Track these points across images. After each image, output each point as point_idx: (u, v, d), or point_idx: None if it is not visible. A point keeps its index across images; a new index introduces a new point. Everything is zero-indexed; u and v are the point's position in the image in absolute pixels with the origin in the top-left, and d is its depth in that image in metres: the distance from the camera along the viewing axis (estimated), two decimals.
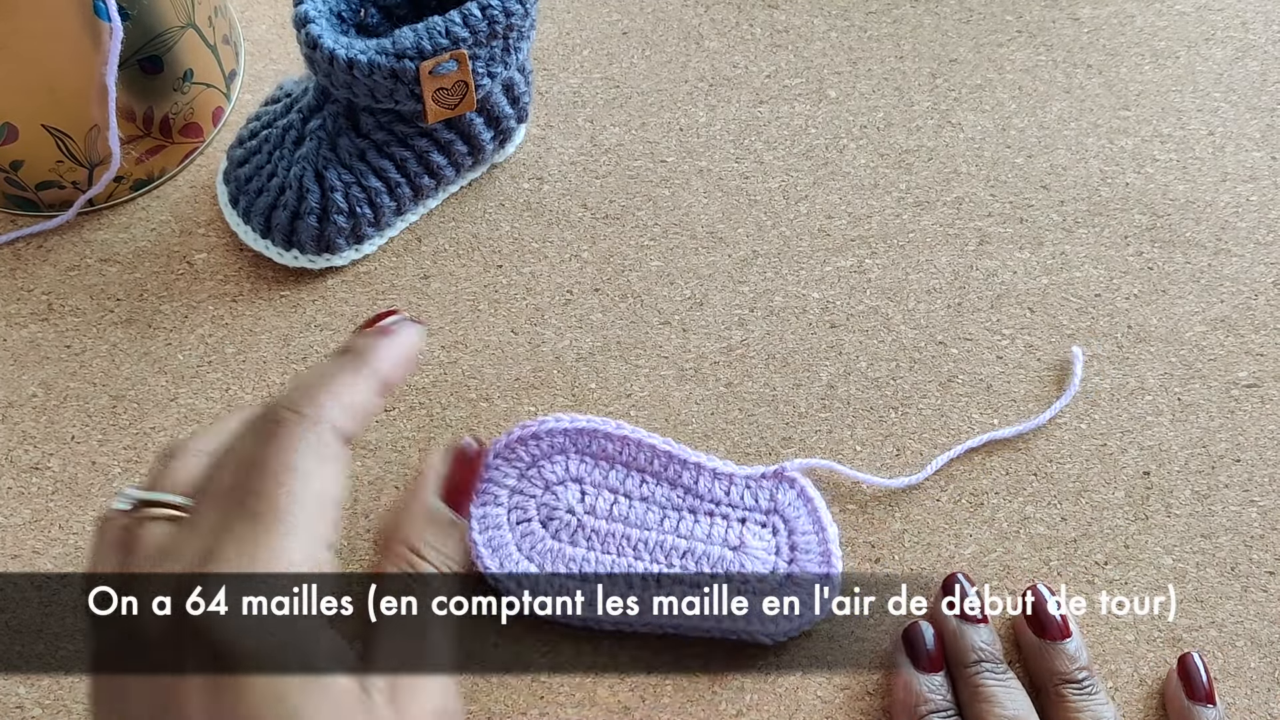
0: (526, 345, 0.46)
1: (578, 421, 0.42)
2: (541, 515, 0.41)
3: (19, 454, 0.43)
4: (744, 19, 0.55)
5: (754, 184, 0.50)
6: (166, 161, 0.49)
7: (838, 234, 0.49)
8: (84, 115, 0.44)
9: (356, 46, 0.41)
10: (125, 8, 0.42)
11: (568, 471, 0.42)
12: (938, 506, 0.42)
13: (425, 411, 0.44)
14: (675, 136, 0.51)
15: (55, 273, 0.47)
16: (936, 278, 0.48)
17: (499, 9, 0.41)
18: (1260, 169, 0.50)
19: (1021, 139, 0.51)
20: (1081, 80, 0.53)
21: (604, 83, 0.53)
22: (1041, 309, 0.47)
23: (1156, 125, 0.52)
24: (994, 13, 0.55)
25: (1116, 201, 0.50)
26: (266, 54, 0.54)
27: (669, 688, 0.39)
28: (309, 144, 0.44)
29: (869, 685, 0.40)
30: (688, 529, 0.41)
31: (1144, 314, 0.47)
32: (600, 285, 0.47)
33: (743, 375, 0.45)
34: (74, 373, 0.45)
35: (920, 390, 0.45)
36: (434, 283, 0.47)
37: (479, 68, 0.42)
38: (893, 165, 0.51)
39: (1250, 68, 0.53)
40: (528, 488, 0.41)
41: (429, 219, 0.49)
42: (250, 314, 0.46)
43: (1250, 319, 0.47)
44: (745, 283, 0.48)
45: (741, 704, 0.39)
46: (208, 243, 0.48)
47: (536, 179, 0.50)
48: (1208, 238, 0.49)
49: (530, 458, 0.42)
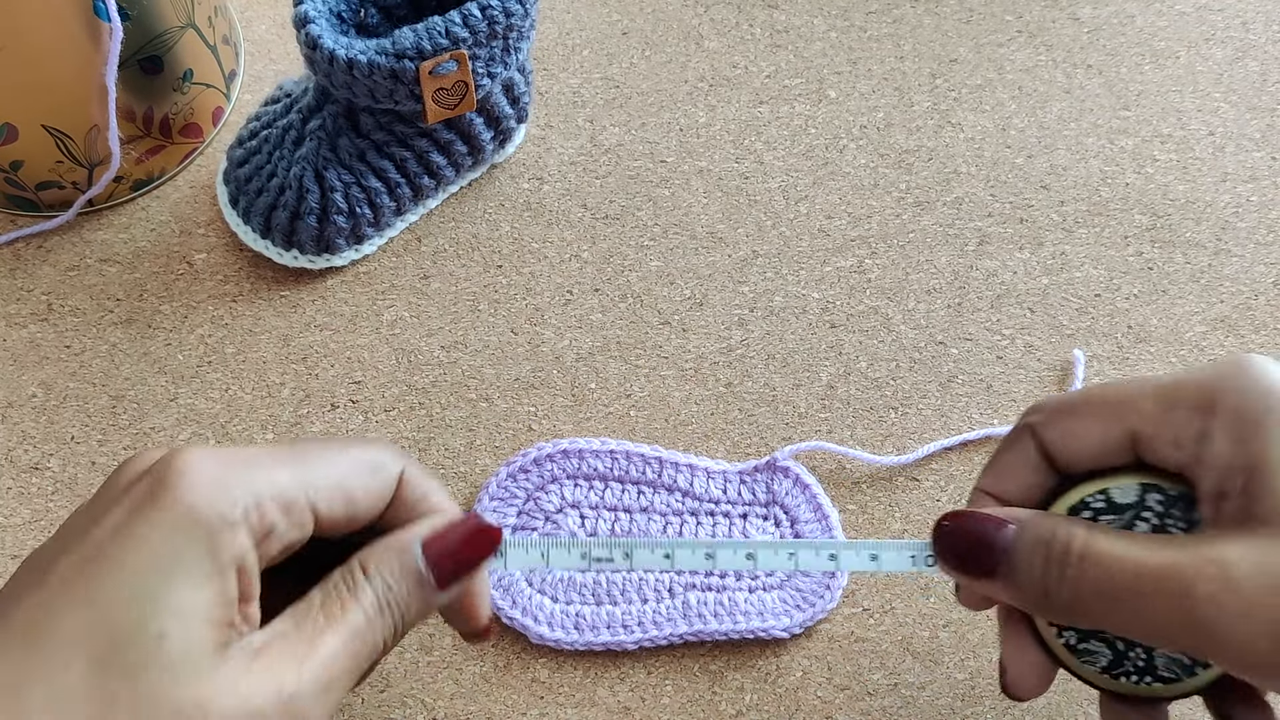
0: (526, 345, 0.46)
1: (560, 444, 0.42)
2: None
3: (19, 454, 0.43)
4: (744, 19, 0.55)
5: (754, 184, 0.50)
6: (166, 162, 0.49)
7: (838, 234, 0.49)
8: (84, 115, 0.44)
9: (356, 46, 0.41)
10: (125, 8, 0.42)
11: (564, 499, 0.41)
12: (937, 505, 0.42)
13: (425, 412, 0.44)
14: (675, 136, 0.51)
15: (55, 273, 0.47)
16: (936, 278, 0.48)
17: (499, 9, 0.41)
18: (1260, 169, 0.50)
19: (1021, 139, 0.51)
20: (1081, 80, 0.53)
21: (604, 83, 0.53)
22: (1041, 309, 0.47)
23: (1156, 125, 0.52)
24: (994, 13, 0.55)
25: (1116, 201, 0.50)
26: (266, 54, 0.54)
27: (669, 688, 0.39)
28: (309, 144, 0.44)
29: (869, 685, 0.40)
30: (691, 533, 0.41)
31: (1144, 314, 0.47)
32: (600, 285, 0.47)
33: (743, 375, 0.45)
34: (74, 373, 0.45)
35: (920, 390, 0.45)
36: (434, 283, 0.47)
37: (479, 68, 0.42)
38: (893, 165, 0.51)
39: (1250, 68, 0.53)
40: (528, 523, 0.41)
41: (429, 219, 0.49)
42: (250, 314, 0.46)
43: (1250, 319, 0.47)
44: (745, 283, 0.48)
45: (741, 704, 0.39)
46: (208, 243, 0.48)
47: (536, 179, 0.50)
48: (1208, 238, 0.49)
49: (525, 492, 0.42)
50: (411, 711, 0.39)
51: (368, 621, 0.30)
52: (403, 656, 0.40)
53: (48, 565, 0.29)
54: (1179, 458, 0.31)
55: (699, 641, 0.40)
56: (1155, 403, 0.32)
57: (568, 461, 0.42)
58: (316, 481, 0.30)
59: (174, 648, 0.27)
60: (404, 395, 0.45)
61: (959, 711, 0.39)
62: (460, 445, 0.44)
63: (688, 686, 0.40)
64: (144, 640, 0.27)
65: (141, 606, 0.27)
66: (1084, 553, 0.29)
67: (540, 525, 0.41)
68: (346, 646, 0.29)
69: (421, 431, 0.44)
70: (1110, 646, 0.32)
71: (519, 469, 0.42)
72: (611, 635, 0.39)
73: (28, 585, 0.28)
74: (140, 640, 0.27)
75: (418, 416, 0.44)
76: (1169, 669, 0.32)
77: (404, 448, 0.43)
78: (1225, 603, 0.27)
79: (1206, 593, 0.27)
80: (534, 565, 0.33)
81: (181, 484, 0.28)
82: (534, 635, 0.39)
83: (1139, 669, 0.32)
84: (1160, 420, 0.31)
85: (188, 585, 0.27)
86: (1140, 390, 0.32)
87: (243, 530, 0.28)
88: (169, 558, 0.27)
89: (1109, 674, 0.33)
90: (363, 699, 0.39)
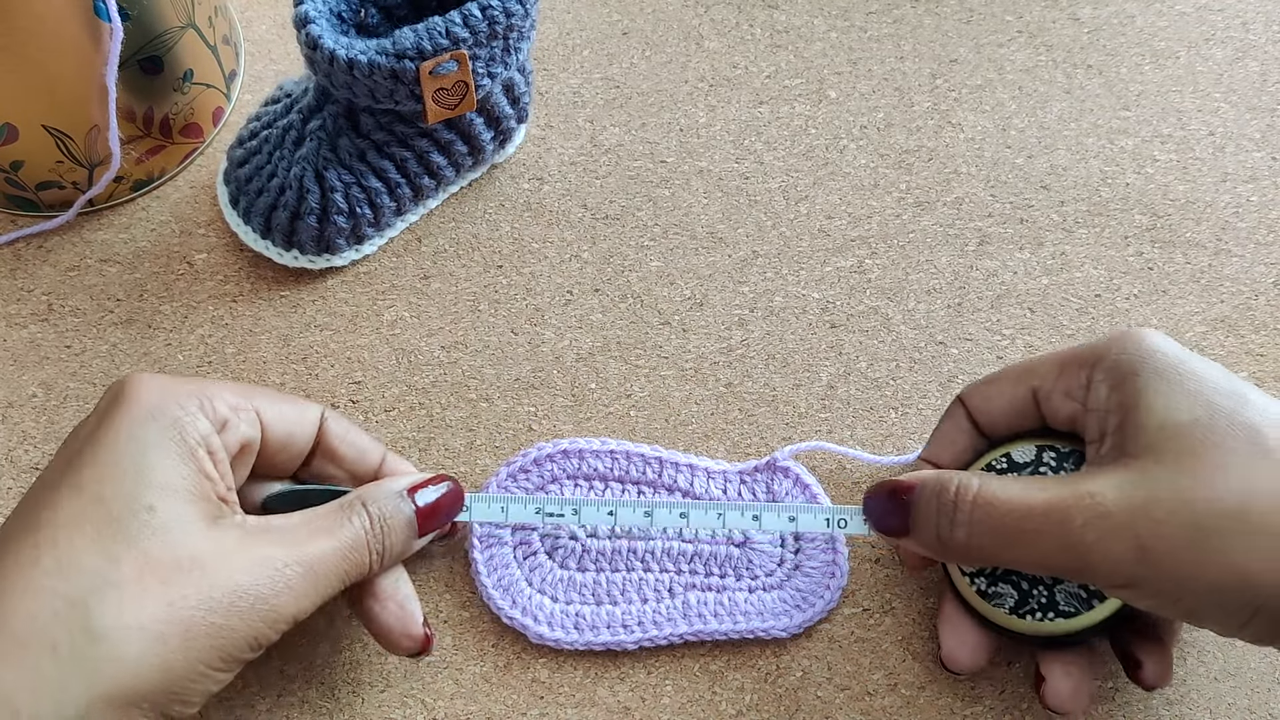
0: (526, 345, 0.46)
1: (560, 445, 0.42)
2: (546, 546, 0.41)
3: (19, 454, 0.43)
4: (744, 19, 0.55)
5: (754, 184, 0.50)
6: (166, 162, 0.49)
7: (838, 234, 0.49)
8: (84, 115, 0.44)
9: (356, 47, 0.41)
10: (125, 8, 0.42)
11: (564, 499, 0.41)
12: None
13: (425, 411, 0.44)
14: (675, 136, 0.51)
15: (55, 273, 0.47)
16: (936, 278, 0.48)
17: (499, 9, 0.41)
18: (1260, 169, 0.50)
19: (1021, 139, 0.51)
20: (1081, 80, 0.53)
21: (604, 83, 0.53)
22: (1041, 309, 0.47)
23: (1156, 125, 0.52)
24: (994, 13, 0.55)
25: (1116, 201, 0.50)
26: (266, 54, 0.54)
27: (669, 688, 0.39)
28: (309, 144, 0.44)
29: (869, 685, 0.40)
30: (690, 533, 0.41)
31: (1144, 314, 0.47)
32: (600, 285, 0.47)
33: (743, 375, 0.45)
34: (74, 373, 0.45)
35: (920, 390, 0.45)
36: (434, 283, 0.47)
37: (479, 68, 0.42)
38: (893, 165, 0.51)
39: (1250, 68, 0.53)
40: (529, 523, 0.41)
41: (429, 219, 0.49)
42: (250, 314, 0.46)
43: (1250, 319, 0.47)
44: (745, 283, 0.48)
45: (741, 704, 0.39)
46: (208, 243, 0.48)
47: (536, 179, 0.50)
48: (1208, 238, 0.49)
49: (524, 493, 0.41)
50: (411, 711, 0.39)
51: (359, 540, 0.34)
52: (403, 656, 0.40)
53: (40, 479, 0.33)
54: (1070, 408, 0.36)
55: (699, 641, 0.40)
56: (1053, 365, 0.37)
57: (568, 462, 0.42)
58: (256, 396, 0.36)
59: (165, 518, 0.31)
60: (404, 395, 0.45)
61: (959, 711, 0.39)
62: (460, 445, 0.44)
63: (688, 686, 0.40)
64: (137, 511, 0.30)
65: (128, 483, 0.31)
66: (976, 497, 0.34)
67: (540, 525, 0.41)
68: (337, 551, 0.33)
69: (421, 431, 0.44)
70: (1015, 587, 0.36)
71: (519, 469, 0.42)
72: (612, 635, 0.39)
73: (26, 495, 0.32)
74: (133, 511, 0.30)
75: (418, 416, 0.44)
76: (1069, 603, 0.35)
77: (404, 448, 0.43)
78: (1097, 527, 0.31)
79: (1082, 520, 0.31)
80: (495, 519, 0.39)
81: (139, 389, 0.33)
82: (534, 635, 0.39)
83: (1042, 605, 0.36)
84: (1055, 377, 0.36)
85: (165, 462, 0.32)
86: (1044, 358, 0.37)
87: (200, 417, 0.33)
88: (142, 441, 0.32)
89: (1017, 614, 0.36)
90: (363, 699, 0.39)
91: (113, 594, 0.29)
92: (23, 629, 0.28)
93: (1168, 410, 0.32)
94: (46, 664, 0.28)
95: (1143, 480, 0.31)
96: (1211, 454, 0.31)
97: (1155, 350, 0.34)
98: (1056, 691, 0.36)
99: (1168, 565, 0.30)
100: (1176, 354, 0.34)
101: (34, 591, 0.29)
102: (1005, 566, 0.36)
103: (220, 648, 0.30)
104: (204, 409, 0.33)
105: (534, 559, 0.41)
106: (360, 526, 0.34)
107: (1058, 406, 0.36)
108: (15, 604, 0.29)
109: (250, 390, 0.36)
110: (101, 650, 0.28)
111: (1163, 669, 0.36)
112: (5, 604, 0.29)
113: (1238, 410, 0.32)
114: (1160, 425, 0.32)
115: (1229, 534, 0.30)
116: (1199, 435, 0.31)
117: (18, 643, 0.28)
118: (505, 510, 0.39)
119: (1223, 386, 0.32)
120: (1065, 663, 0.36)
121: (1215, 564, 0.30)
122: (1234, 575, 0.30)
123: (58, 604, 0.29)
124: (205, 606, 0.30)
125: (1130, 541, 0.31)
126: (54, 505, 0.30)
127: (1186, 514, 0.30)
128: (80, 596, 0.29)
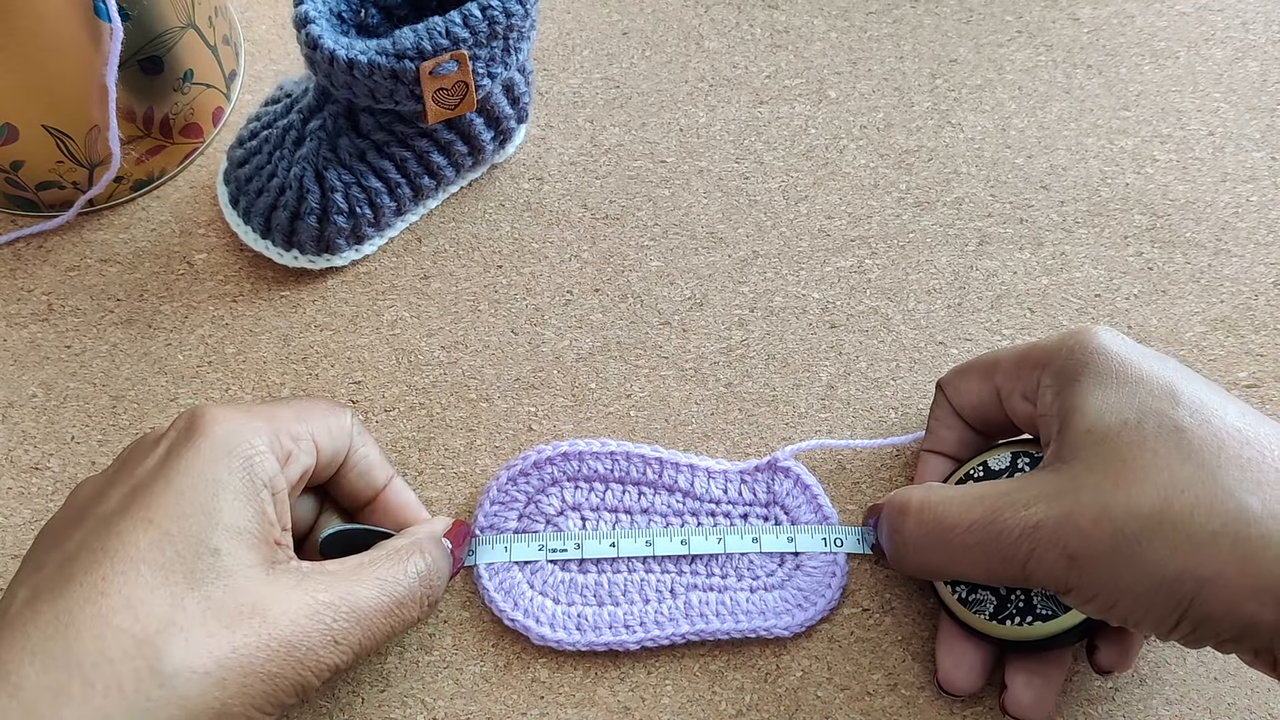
0: (526, 345, 0.46)
1: (560, 447, 0.42)
2: None
3: (19, 454, 0.43)
4: (744, 19, 0.55)
5: (754, 184, 0.50)
6: (166, 162, 0.49)
7: (838, 234, 0.49)
8: (84, 115, 0.44)
9: (356, 47, 0.41)
10: (125, 8, 0.42)
11: (565, 501, 0.41)
12: None
13: (425, 411, 0.44)
14: (675, 136, 0.51)
15: (55, 273, 0.47)
16: (936, 278, 0.48)
17: (499, 9, 0.41)
18: (1260, 169, 0.50)
19: (1021, 139, 0.51)
20: (1081, 80, 0.53)
21: (604, 83, 0.53)
22: (1041, 309, 0.47)
23: (1156, 125, 0.52)
24: (994, 13, 0.55)
25: (1116, 201, 0.50)
26: (266, 54, 0.54)
27: (669, 688, 0.39)
28: (309, 144, 0.44)
29: (869, 685, 0.40)
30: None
31: (1144, 314, 0.47)
32: (600, 285, 0.47)
33: (743, 375, 0.45)
34: (74, 373, 0.45)
35: (920, 390, 0.45)
36: (434, 283, 0.47)
37: (479, 68, 0.42)
38: (893, 165, 0.51)
39: (1250, 68, 0.53)
40: (529, 525, 0.41)
41: (429, 219, 0.49)
42: (250, 314, 0.46)
43: (1250, 319, 0.47)
44: (745, 283, 0.48)
45: (741, 704, 0.39)
46: (208, 243, 0.48)
47: (536, 179, 0.50)
48: (1208, 238, 0.49)
49: (525, 496, 0.41)
50: (411, 711, 0.39)
51: (413, 593, 0.34)
52: (403, 656, 0.40)
53: (89, 504, 0.32)
54: (1027, 409, 0.36)
55: (699, 641, 0.40)
56: (1013, 363, 0.37)
57: (568, 464, 0.42)
58: (311, 418, 0.36)
59: (229, 562, 0.31)
60: (404, 395, 0.45)
61: (959, 712, 0.39)
62: (460, 445, 0.44)
63: (688, 686, 0.40)
64: (202, 554, 0.30)
65: (197, 524, 0.31)
66: (920, 515, 0.34)
67: (541, 528, 0.41)
68: (389, 605, 0.33)
69: (421, 431, 0.44)
70: (994, 592, 0.36)
71: (519, 473, 0.42)
72: (614, 635, 0.39)
73: (72, 521, 0.32)
74: (198, 554, 0.30)
75: (418, 416, 0.44)
76: (1045, 607, 0.35)
77: (404, 448, 0.43)
78: (1031, 538, 0.31)
79: (1017, 533, 0.32)
80: (499, 559, 0.40)
81: (212, 423, 0.32)
82: (535, 636, 0.39)
83: (1020, 610, 0.36)
84: (1014, 377, 0.36)
85: (234, 504, 0.31)
86: (1008, 353, 0.37)
87: (269, 455, 0.33)
88: (213, 480, 0.31)
89: (997, 620, 0.36)
90: (363, 699, 0.39)
91: (179, 636, 0.29)
92: (91, 667, 0.28)
93: (1099, 414, 0.32)
94: (113, 705, 0.28)
95: (1070, 487, 0.31)
96: (1136, 458, 0.31)
97: (1099, 351, 0.34)
98: (1017, 700, 0.37)
99: (1095, 573, 0.30)
100: (1120, 354, 0.33)
101: (104, 628, 0.28)
102: (958, 579, 0.36)
103: (270, 694, 0.30)
104: (273, 446, 0.33)
105: (536, 561, 0.41)
106: (415, 576, 0.34)
107: (1017, 408, 0.37)
108: (86, 642, 0.28)
109: (305, 411, 0.36)
110: (166, 693, 0.28)
111: (1118, 654, 0.36)
112: (74, 638, 0.28)
113: (1166, 411, 0.31)
114: (1089, 430, 0.32)
115: (1148, 538, 0.30)
116: (1125, 439, 0.31)
117: (86, 681, 0.28)
118: (509, 550, 0.40)
119: (1158, 386, 0.32)
120: (1029, 672, 0.37)
121: (1137, 569, 0.30)
122: (1154, 579, 0.30)
123: (127, 643, 0.28)
124: (263, 654, 0.30)
125: (1059, 550, 0.31)
126: (121, 536, 0.30)
127: (1108, 521, 0.30)
128: (149, 637, 0.29)
